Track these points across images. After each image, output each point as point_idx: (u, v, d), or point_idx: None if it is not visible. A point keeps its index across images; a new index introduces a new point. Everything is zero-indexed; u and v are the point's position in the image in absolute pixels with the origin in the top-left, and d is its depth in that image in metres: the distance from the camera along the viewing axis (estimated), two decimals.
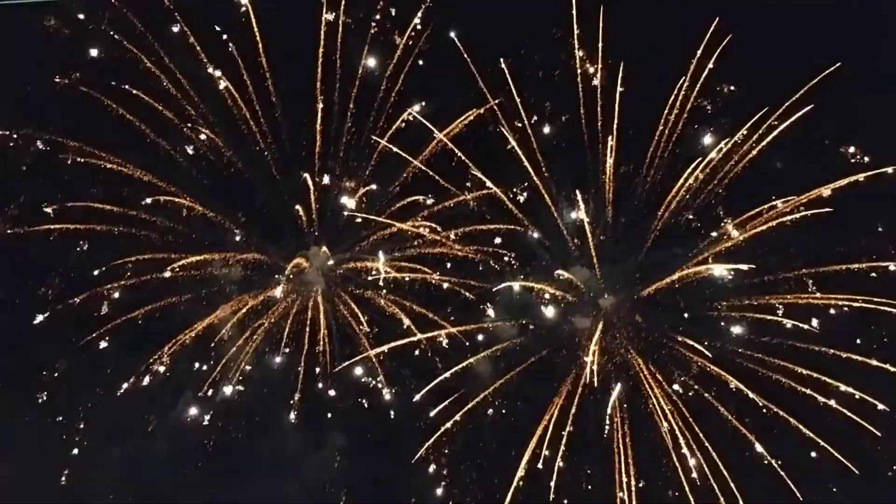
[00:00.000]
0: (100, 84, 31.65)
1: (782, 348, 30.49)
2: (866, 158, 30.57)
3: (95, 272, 31.50)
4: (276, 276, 33.69)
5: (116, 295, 31.81)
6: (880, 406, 29.04)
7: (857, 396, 29.28)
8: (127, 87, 31.66)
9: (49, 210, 31.31)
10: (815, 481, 29.92)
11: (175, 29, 32.12)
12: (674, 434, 30.60)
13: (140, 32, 32.05)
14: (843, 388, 29.42)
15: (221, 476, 32.24)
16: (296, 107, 33.09)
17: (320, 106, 32.69)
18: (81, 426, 31.76)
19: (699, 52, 31.03)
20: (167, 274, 31.97)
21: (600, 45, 31.20)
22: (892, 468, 30.08)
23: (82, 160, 31.42)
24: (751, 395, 30.24)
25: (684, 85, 31.36)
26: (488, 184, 32.46)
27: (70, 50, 32.07)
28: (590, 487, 30.84)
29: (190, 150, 32.76)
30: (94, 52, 32.08)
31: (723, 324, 31.45)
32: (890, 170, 29.85)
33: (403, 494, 32.04)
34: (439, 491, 31.62)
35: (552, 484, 30.17)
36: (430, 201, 32.49)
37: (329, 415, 32.84)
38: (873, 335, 30.10)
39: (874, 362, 29.32)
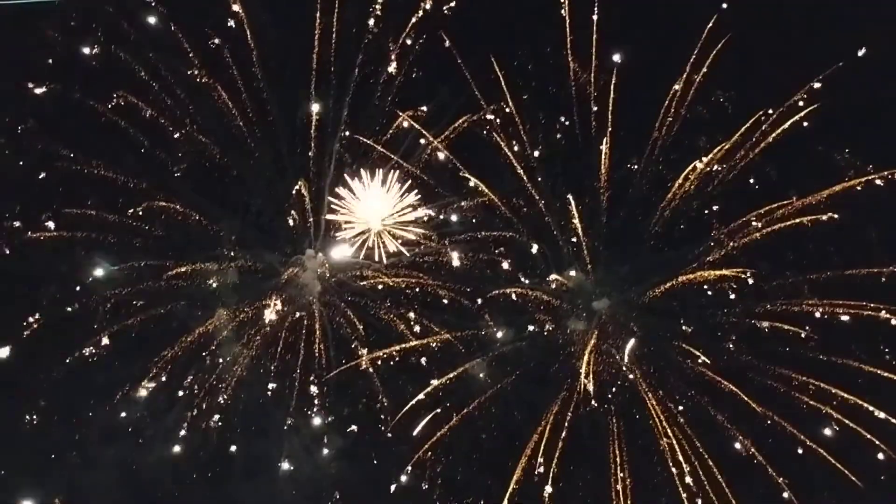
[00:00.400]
0: (92, 90, 31.71)
1: (779, 355, 30.51)
2: (862, 163, 30.41)
3: (90, 279, 31.59)
4: (272, 282, 33.70)
5: (112, 302, 31.81)
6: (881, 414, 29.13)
7: (852, 402, 29.31)
8: (121, 92, 31.72)
9: (44, 217, 31.44)
10: (812, 487, 29.99)
11: (168, 34, 32.10)
12: (669, 441, 30.65)
13: (134, 38, 32.05)
14: (841, 394, 29.49)
15: (217, 481, 32.41)
16: (290, 112, 33.08)
17: (315, 110, 32.66)
18: (77, 436, 31.86)
19: (694, 54, 31.02)
20: (162, 281, 31.99)
21: (594, 49, 31.18)
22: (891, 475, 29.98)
23: (76, 167, 31.45)
24: (746, 399, 30.29)
25: (679, 88, 31.31)
26: (483, 189, 32.50)
27: (62, 55, 32.04)
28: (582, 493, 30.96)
29: (184, 156, 32.75)
30: (86, 58, 32.01)
31: (719, 330, 31.48)
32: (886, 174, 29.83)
33: (398, 499, 32.10)
34: (434, 496, 31.71)
35: (547, 492, 30.31)
36: (426, 211, 32.32)
37: (323, 420, 32.87)
38: (871, 342, 30.04)
39: (867, 368, 29.35)
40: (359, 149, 32.85)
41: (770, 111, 30.65)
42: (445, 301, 32.81)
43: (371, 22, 32.21)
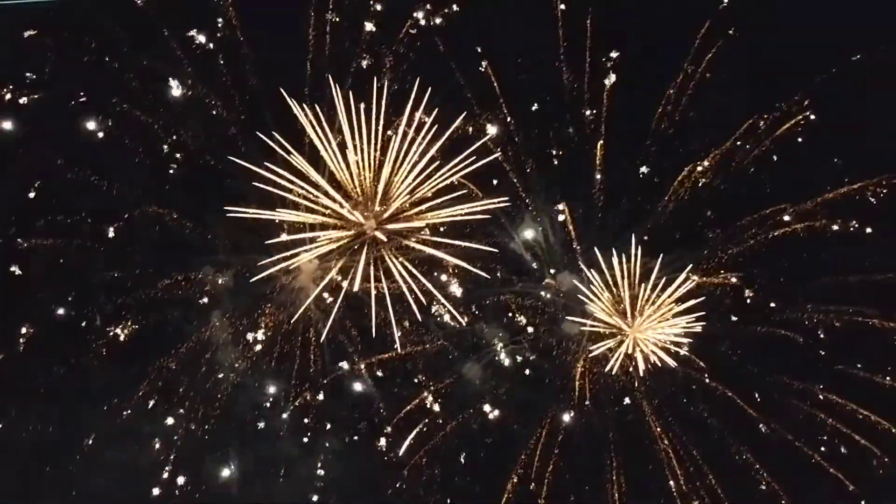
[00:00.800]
0: (86, 97, 31.68)
1: (775, 361, 30.39)
2: (857, 169, 30.18)
3: (85, 287, 31.65)
4: (267, 287, 33.67)
5: (107, 310, 31.90)
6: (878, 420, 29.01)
7: (848, 408, 29.22)
8: (114, 99, 31.70)
9: (38, 225, 31.45)
10: (809, 493, 29.93)
11: (161, 39, 32.04)
12: (665, 447, 30.61)
13: (127, 45, 31.96)
14: (837, 400, 29.40)
15: (213, 487, 32.56)
16: (285, 117, 32.92)
17: (310, 114, 32.49)
18: (73, 444, 31.90)
19: (689, 58, 30.82)
20: (158, 291, 32.01)
21: (588, 53, 31.00)
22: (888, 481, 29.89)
23: (70, 175, 31.43)
24: (742, 405, 30.19)
25: (673, 92, 31.11)
26: (477, 193, 32.32)
27: (55, 60, 31.99)
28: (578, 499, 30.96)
29: (177, 163, 32.73)
30: (79, 65, 31.94)
31: (714, 335, 31.29)
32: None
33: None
34: (430, 502, 31.80)
35: (542, 498, 30.33)
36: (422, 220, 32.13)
37: (319, 423, 32.96)
38: (867, 348, 29.88)
39: (863, 374, 29.23)
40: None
41: (765, 116, 30.45)
42: (441, 305, 32.81)
43: (366, 28, 32.14)
